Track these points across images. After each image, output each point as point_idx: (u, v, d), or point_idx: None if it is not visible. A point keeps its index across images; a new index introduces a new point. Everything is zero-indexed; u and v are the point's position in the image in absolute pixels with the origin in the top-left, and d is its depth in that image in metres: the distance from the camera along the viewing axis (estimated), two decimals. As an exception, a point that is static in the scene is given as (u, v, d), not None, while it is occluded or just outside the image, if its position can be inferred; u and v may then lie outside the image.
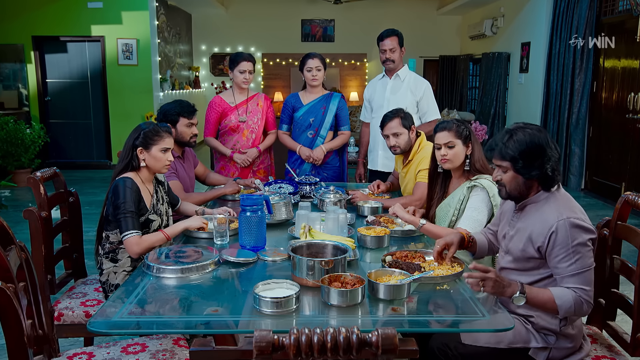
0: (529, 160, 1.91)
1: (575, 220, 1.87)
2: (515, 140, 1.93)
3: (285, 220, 2.83)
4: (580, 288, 1.85)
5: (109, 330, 1.65)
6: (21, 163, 7.71)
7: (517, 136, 1.93)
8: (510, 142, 1.94)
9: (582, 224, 1.87)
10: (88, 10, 8.71)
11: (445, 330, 1.86)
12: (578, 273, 1.86)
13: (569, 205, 1.93)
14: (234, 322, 1.71)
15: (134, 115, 8.85)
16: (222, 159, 3.99)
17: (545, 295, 1.86)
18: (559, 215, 1.88)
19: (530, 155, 1.91)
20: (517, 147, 1.92)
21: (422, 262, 2.15)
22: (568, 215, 1.88)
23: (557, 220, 1.87)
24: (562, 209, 1.90)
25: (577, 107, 7.46)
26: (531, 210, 2.00)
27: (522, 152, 1.91)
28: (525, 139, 1.91)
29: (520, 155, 1.92)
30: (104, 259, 2.51)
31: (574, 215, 1.88)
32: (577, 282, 1.86)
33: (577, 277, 1.86)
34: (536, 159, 1.91)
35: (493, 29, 10.61)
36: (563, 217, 1.87)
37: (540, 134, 1.93)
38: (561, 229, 1.86)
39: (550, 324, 1.95)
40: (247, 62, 3.80)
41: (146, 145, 2.51)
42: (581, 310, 1.87)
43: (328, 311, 1.76)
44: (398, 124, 3.17)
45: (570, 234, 1.86)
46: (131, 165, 2.50)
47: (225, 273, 2.12)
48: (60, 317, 2.45)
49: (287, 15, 12.67)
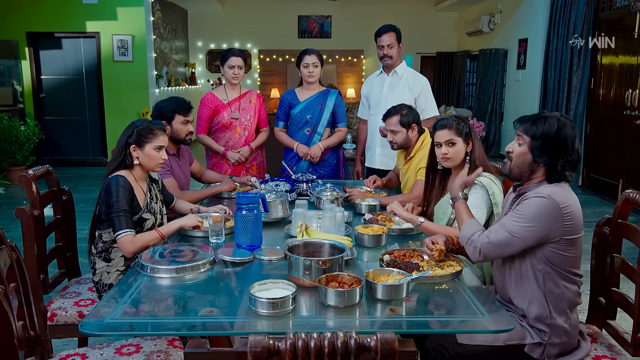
0: (547, 145, 1.92)
1: (554, 204, 1.86)
2: (546, 122, 1.94)
3: (282, 219, 2.80)
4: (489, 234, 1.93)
5: (102, 333, 1.61)
6: (16, 160, 7.65)
7: (550, 120, 1.95)
8: (541, 121, 1.95)
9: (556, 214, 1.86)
10: (83, 6, 8.64)
11: (445, 331, 1.83)
12: (502, 228, 1.91)
13: (563, 193, 1.91)
14: (229, 323, 1.68)
15: (129, 112, 8.79)
16: (214, 156, 3.95)
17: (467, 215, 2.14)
18: (544, 193, 1.89)
19: (549, 142, 1.92)
20: (544, 128, 1.93)
21: (421, 261, 2.12)
22: (554, 197, 1.87)
23: (540, 195, 1.88)
24: (554, 191, 1.89)
25: (575, 103, 7.44)
26: (529, 198, 1.97)
27: (546, 135, 1.92)
28: (555, 127, 1.92)
29: (542, 136, 1.93)
30: (97, 258, 2.47)
31: (558, 201, 1.87)
32: (493, 231, 1.94)
33: (499, 230, 1.92)
34: (553, 148, 1.92)
35: (490, 25, 10.59)
36: (547, 196, 1.87)
37: (572, 131, 1.94)
38: (536, 199, 1.88)
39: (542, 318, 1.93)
40: (236, 57, 3.76)
41: (139, 143, 2.47)
42: (469, 248, 1.98)
43: (325, 312, 1.73)
44: (396, 122, 3.15)
45: (537, 207, 1.87)
46: (124, 163, 2.46)
47: (220, 273, 2.09)
48: (54, 318, 2.42)
49: (284, 11, 12.62)
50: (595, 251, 2.26)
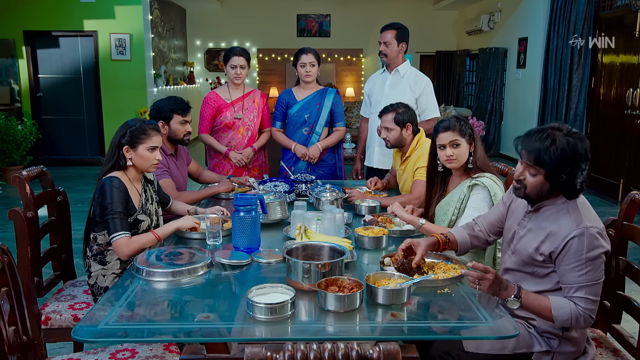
0: (562, 171, 1.79)
1: (595, 232, 1.80)
2: (558, 148, 1.76)
3: (280, 220, 2.76)
4: (585, 299, 1.78)
5: (95, 339, 1.56)
6: (12, 160, 7.59)
7: (559, 143, 1.77)
8: (552, 148, 1.77)
9: (601, 237, 1.80)
10: (80, 4, 8.58)
11: (448, 337, 1.79)
12: (586, 285, 1.79)
13: (590, 214, 1.86)
14: (226, 329, 1.63)
15: (127, 111, 8.73)
16: (216, 156, 3.90)
17: (543, 303, 1.81)
18: (579, 223, 1.80)
19: (565, 167, 1.78)
20: (558, 155, 1.76)
21: (422, 264, 2.08)
22: (589, 224, 1.80)
23: (577, 227, 1.79)
24: (583, 217, 1.82)
25: (575, 103, 7.40)
26: (548, 212, 1.91)
27: (559, 163, 1.78)
28: (569, 149, 1.77)
29: (555, 165, 1.78)
30: (92, 261, 2.42)
31: (595, 225, 1.81)
32: (583, 293, 1.79)
33: (585, 289, 1.79)
34: (570, 170, 1.79)
35: (490, 24, 10.55)
36: (584, 225, 1.79)
37: (583, 144, 1.79)
38: (580, 237, 1.78)
39: (552, 327, 1.89)
40: (237, 56, 3.71)
41: (132, 144, 2.41)
42: (578, 324, 1.80)
43: (325, 317, 1.68)
44: (391, 119, 3.12)
45: (587, 243, 1.78)
46: (118, 164, 2.41)
47: (218, 276, 2.04)
48: (48, 321, 2.37)
49: (283, 10, 12.57)
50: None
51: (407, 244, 2.05)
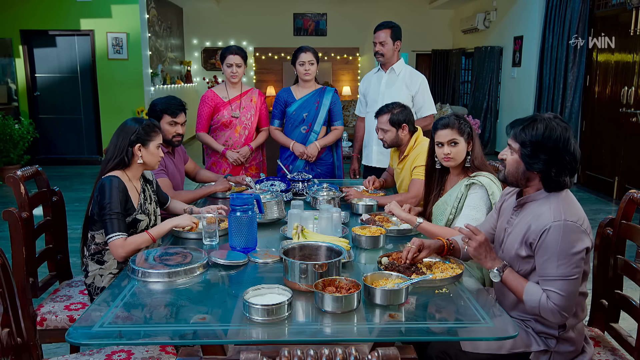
0: (537, 152, 1.82)
1: (572, 225, 1.78)
2: (535, 128, 1.83)
3: (277, 220, 2.75)
4: (555, 293, 1.77)
5: (90, 341, 1.55)
6: (10, 159, 7.56)
7: (539, 124, 1.84)
8: (530, 127, 1.85)
9: (579, 231, 1.78)
10: (77, 3, 8.55)
11: (446, 338, 1.78)
12: (557, 279, 1.77)
13: (571, 207, 1.83)
14: (222, 331, 1.62)
15: (124, 110, 8.71)
16: (213, 154, 3.89)
17: (520, 285, 1.85)
18: (556, 215, 1.79)
19: (540, 148, 1.82)
20: (532, 134, 1.83)
21: (420, 264, 2.07)
22: (567, 217, 1.78)
23: (553, 220, 1.78)
24: (562, 209, 1.81)
25: (570, 101, 7.41)
26: (530, 207, 1.92)
27: (535, 141, 1.82)
28: (544, 131, 1.81)
29: (530, 143, 1.83)
30: (90, 260, 2.41)
31: (573, 219, 1.79)
32: (554, 287, 1.78)
33: (556, 283, 1.78)
34: (544, 155, 1.82)
35: (485, 23, 10.54)
36: (561, 219, 1.78)
37: (564, 133, 1.82)
38: (555, 229, 1.77)
39: (549, 328, 1.89)
40: (233, 55, 3.70)
41: (144, 141, 2.42)
42: (547, 315, 1.79)
43: (322, 318, 1.67)
44: (386, 121, 3.13)
45: (563, 237, 1.76)
46: (123, 162, 2.40)
47: (214, 276, 2.03)
48: (44, 322, 2.36)
49: (279, 9, 12.54)
50: (597, 252, 2.22)
51: (419, 245, 2.06)
